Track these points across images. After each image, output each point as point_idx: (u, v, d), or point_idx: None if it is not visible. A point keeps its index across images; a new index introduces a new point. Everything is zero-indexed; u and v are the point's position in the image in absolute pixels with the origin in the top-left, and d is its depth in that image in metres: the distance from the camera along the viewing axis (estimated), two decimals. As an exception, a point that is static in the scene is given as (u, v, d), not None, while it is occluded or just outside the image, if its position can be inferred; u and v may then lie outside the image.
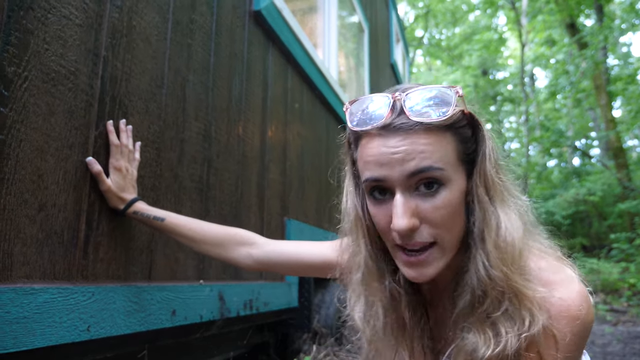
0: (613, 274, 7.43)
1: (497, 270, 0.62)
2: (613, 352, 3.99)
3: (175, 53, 1.35)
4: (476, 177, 0.67)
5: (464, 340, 0.65)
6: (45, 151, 0.91)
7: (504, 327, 0.62)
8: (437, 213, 0.64)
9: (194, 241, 1.06)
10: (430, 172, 0.62)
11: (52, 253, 0.91)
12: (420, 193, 0.64)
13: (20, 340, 0.80)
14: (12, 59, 0.84)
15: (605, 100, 11.19)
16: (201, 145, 1.47)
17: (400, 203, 0.63)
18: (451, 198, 0.64)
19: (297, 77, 2.41)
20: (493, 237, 0.64)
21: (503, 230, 0.64)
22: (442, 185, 0.64)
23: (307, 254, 0.99)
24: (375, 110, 0.65)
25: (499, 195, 0.66)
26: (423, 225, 0.64)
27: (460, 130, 0.66)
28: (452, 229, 0.66)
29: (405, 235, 0.64)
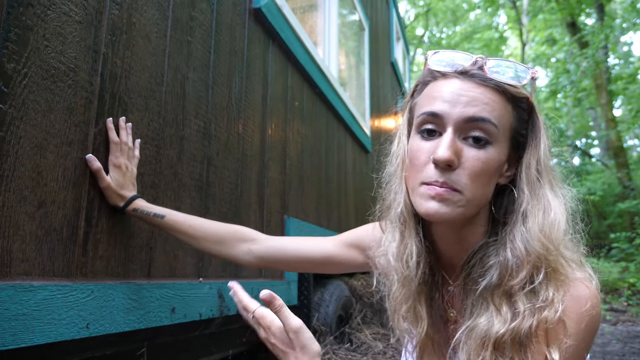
0: (613, 274, 7.44)
1: (537, 243, 0.64)
2: (612, 351, 3.99)
3: (175, 50, 1.35)
4: (530, 159, 0.70)
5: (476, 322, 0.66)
6: (45, 148, 0.91)
7: (522, 303, 0.63)
8: (477, 164, 0.66)
9: (194, 238, 1.06)
10: (486, 124, 0.66)
11: (51, 250, 0.91)
12: (467, 143, 0.67)
13: (19, 337, 0.80)
14: (12, 56, 0.84)
15: (605, 99, 11.19)
16: (201, 143, 1.47)
17: (449, 138, 0.66)
18: (493, 158, 0.67)
19: (298, 75, 2.41)
20: (540, 218, 0.66)
21: (551, 213, 0.66)
22: (489, 143, 0.67)
23: (308, 249, 0.99)
24: (458, 59, 0.70)
25: (548, 180, 0.69)
26: (460, 170, 0.66)
27: (520, 110, 0.70)
28: (480, 187, 0.67)
29: (442, 169, 0.66)
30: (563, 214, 0.67)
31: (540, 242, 0.64)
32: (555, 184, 0.70)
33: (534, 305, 0.63)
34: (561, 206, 0.68)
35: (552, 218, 0.66)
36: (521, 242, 0.65)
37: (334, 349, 2.26)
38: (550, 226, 0.65)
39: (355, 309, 2.97)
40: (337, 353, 2.22)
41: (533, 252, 0.64)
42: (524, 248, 0.65)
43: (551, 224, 0.66)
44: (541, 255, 0.64)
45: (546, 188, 0.69)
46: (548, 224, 0.66)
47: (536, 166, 0.69)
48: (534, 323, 0.62)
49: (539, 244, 0.64)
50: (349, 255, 0.95)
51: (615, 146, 11.08)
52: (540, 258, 0.64)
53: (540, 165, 0.69)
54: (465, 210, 0.68)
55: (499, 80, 0.67)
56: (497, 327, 0.63)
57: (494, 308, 0.64)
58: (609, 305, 6.35)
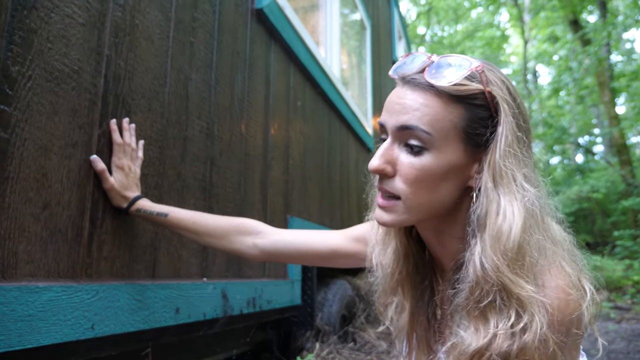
0: (617, 272, 7.40)
1: (489, 260, 0.61)
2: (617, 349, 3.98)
3: (178, 51, 1.36)
4: (484, 164, 0.66)
5: (458, 338, 0.64)
6: (49, 150, 0.91)
7: (493, 319, 0.61)
8: (410, 171, 0.66)
9: (198, 234, 1.06)
10: (415, 132, 0.65)
11: (56, 251, 0.92)
12: (406, 149, 0.67)
13: (25, 338, 0.81)
14: (16, 58, 0.85)
15: (608, 96, 11.15)
16: (204, 144, 1.47)
17: (382, 147, 0.68)
18: (432, 166, 0.65)
19: (300, 75, 2.41)
20: (491, 225, 0.63)
21: (501, 218, 0.62)
22: (425, 149, 0.65)
23: (315, 243, 0.99)
24: (408, 63, 0.69)
25: (504, 182, 0.64)
26: (397, 177, 0.68)
27: (473, 108, 0.66)
28: (422, 194, 0.67)
29: (380, 177, 0.69)
30: (520, 217, 0.62)
31: (492, 258, 0.61)
32: (514, 186, 0.64)
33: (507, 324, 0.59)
34: (518, 209, 0.63)
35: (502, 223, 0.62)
36: (478, 257, 0.63)
37: (337, 348, 2.26)
38: (501, 234, 0.61)
39: (359, 308, 2.97)
40: (341, 352, 2.22)
41: (487, 268, 0.61)
42: (479, 264, 0.62)
43: (502, 231, 0.62)
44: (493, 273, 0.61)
45: (501, 190, 0.64)
46: (499, 232, 0.62)
47: (493, 169, 0.65)
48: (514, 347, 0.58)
49: (491, 261, 0.61)
50: (355, 248, 0.95)
51: (618, 143, 11.04)
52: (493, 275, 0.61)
53: (496, 169, 0.64)
54: (410, 215, 0.68)
55: (432, 82, 0.64)
56: (474, 344, 0.60)
57: (472, 325, 0.62)
58: (613, 303, 6.33)
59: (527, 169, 0.67)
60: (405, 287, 0.79)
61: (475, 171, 0.68)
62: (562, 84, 12.85)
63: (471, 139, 0.66)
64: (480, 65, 0.66)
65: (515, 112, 0.67)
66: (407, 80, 0.68)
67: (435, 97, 0.65)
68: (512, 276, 0.60)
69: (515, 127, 0.66)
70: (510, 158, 0.65)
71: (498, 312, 0.61)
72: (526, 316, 0.59)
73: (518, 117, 0.67)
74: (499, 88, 0.66)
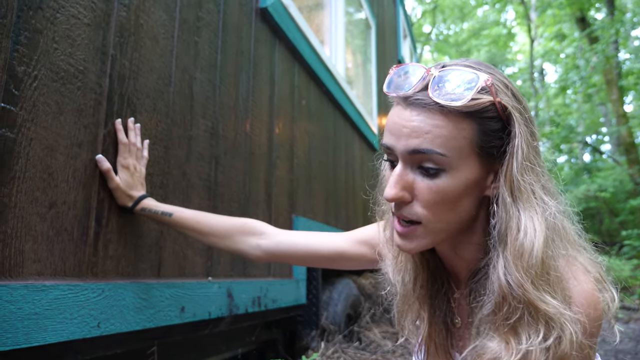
0: (625, 271, 7.34)
1: (513, 277, 0.60)
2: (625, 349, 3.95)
3: (183, 51, 1.36)
4: (501, 177, 0.64)
5: (484, 349, 0.63)
6: (55, 149, 0.92)
7: (525, 334, 0.60)
8: (429, 195, 0.64)
9: (202, 234, 1.07)
10: (429, 155, 0.62)
11: (62, 250, 0.93)
12: (420, 172, 0.64)
13: (32, 336, 0.82)
14: (22, 59, 0.85)
15: (616, 95, 11.05)
16: (209, 143, 1.47)
17: (396, 174, 0.65)
18: (451, 185, 0.63)
19: (305, 74, 2.41)
20: (512, 242, 0.62)
21: (522, 234, 0.61)
22: (442, 170, 0.63)
23: (319, 245, 0.98)
24: (406, 80, 0.65)
25: (524, 197, 0.63)
26: (415, 202, 0.65)
27: (485, 121, 0.63)
28: (443, 216, 0.65)
29: (396, 205, 0.66)
30: (541, 231, 0.61)
31: (516, 276, 0.60)
32: (533, 199, 0.63)
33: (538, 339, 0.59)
34: (538, 223, 0.62)
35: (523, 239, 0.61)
36: (502, 273, 0.62)
37: (343, 347, 2.26)
38: (523, 251, 0.61)
39: (364, 307, 2.97)
40: (346, 352, 2.22)
41: (512, 285, 0.60)
42: (505, 281, 0.61)
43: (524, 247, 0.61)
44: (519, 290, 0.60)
45: (520, 205, 0.63)
46: (520, 249, 0.61)
47: (509, 183, 0.63)
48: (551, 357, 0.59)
49: (515, 278, 0.60)
50: (360, 251, 0.95)
51: (626, 142, 10.94)
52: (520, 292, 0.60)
53: (513, 181, 0.63)
54: (433, 238, 0.67)
55: (441, 103, 0.61)
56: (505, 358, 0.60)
57: (503, 338, 0.61)
58: (621, 303, 6.27)
59: (544, 179, 0.66)
60: (424, 300, 0.78)
61: (490, 181, 0.67)
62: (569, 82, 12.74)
63: (485, 152, 0.64)
64: (489, 78, 0.62)
65: (526, 118, 0.65)
66: (411, 102, 0.63)
67: (446, 116, 0.61)
68: (538, 293, 0.59)
69: (530, 137, 0.65)
70: (528, 171, 0.63)
71: (527, 326, 0.60)
72: (556, 330, 0.59)
73: (529, 125, 0.65)
74: (506, 95, 0.64)
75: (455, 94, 0.61)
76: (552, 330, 0.59)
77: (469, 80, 0.62)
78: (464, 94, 0.61)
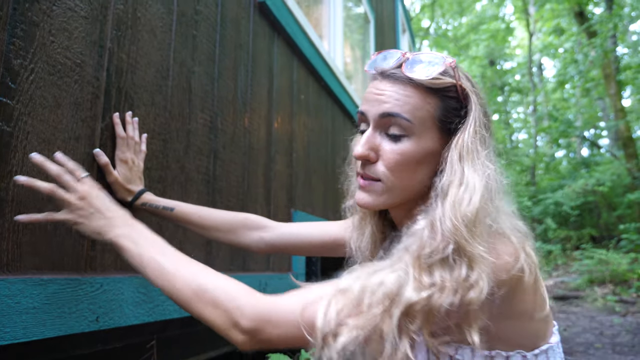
0: (622, 265, 7.37)
1: (447, 220, 0.66)
2: (622, 342, 3.98)
3: (181, 44, 1.35)
4: (452, 144, 0.72)
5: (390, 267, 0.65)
6: (52, 143, 0.91)
7: (439, 273, 0.62)
8: (391, 156, 0.72)
9: (205, 228, 1.08)
10: (397, 119, 0.71)
11: (60, 244, 0.92)
12: (386, 137, 0.73)
13: (30, 330, 0.81)
14: (19, 52, 0.85)
15: (614, 89, 11.05)
16: (207, 137, 1.47)
17: (366, 135, 0.74)
18: (411, 150, 0.72)
19: (303, 69, 2.40)
20: (453, 192, 0.68)
21: (463, 188, 0.68)
22: (405, 136, 0.72)
23: (317, 233, 1.03)
24: (384, 60, 0.76)
25: (469, 157, 0.71)
26: (379, 162, 0.73)
27: (447, 99, 0.73)
28: (401, 177, 0.73)
29: (363, 163, 0.74)
30: (479, 188, 0.68)
31: (450, 220, 0.65)
32: (477, 161, 0.71)
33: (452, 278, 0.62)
34: (478, 181, 0.69)
35: (464, 192, 0.68)
36: (437, 218, 0.67)
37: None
38: (461, 201, 0.67)
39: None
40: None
41: (445, 228, 0.65)
42: (439, 224, 0.66)
43: (462, 198, 0.67)
44: (452, 232, 0.64)
45: (465, 164, 0.70)
46: (459, 199, 0.67)
47: (460, 147, 0.72)
48: (455, 301, 0.61)
49: (449, 223, 0.65)
50: None
51: (624, 137, 10.95)
52: (452, 233, 0.64)
53: (463, 146, 0.71)
54: (390, 196, 0.74)
55: (411, 76, 0.71)
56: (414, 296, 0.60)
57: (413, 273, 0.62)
58: (618, 296, 6.31)
59: (488, 151, 0.74)
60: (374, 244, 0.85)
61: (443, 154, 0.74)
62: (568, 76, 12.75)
63: (444, 127, 0.74)
64: (453, 61, 0.74)
65: (482, 102, 0.75)
66: (387, 75, 0.74)
67: (414, 89, 0.72)
68: (468, 236, 0.64)
69: (482, 115, 0.74)
70: (477, 138, 0.72)
71: (448, 268, 0.63)
72: (474, 274, 0.62)
73: (484, 107, 0.76)
74: (467, 81, 0.75)
75: (423, 71, 0.72)
76: (471, 273, 0.62)
77: (436, 62, 0.73)
78: (429, 71, 0.72)
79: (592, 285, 7.24)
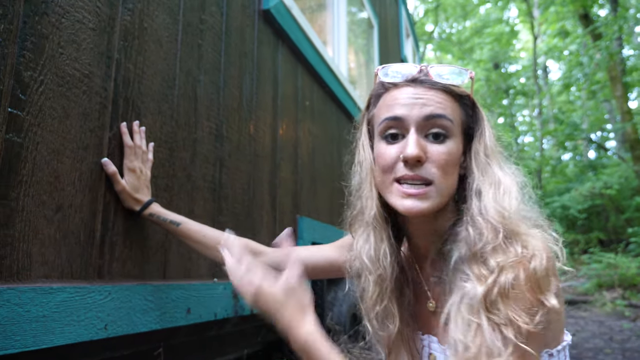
0: (631, 269, 7.29)
1: (492, 211, 0.70)
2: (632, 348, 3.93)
3: (186, 54, 1.37)
4: (476, 145, 0.77)
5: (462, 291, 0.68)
6: (62, 153, 0.93)
7: (494, 260, 0.67)
8: (440, 156, 0.73)
9: (208, 248, 1.08)
10: (442, 120, 0.74)
11: (69, 253, 0.93)
12: (429, 140, 0.74)
13: (40, 338, 0.82)
14: (29, 64, 0.86)
15: (620, 91, 10.98)
16: (213, 145, 1.48)
17: (414, 137, 0.73)
18: (453, 150, 0.75)
19: (307, 75, 2.42)
20: (492, 191, 0.72)
21: (501, 186, 0.72)
22: (447, 137, 0.74)
23: (313, 256, 1.03)
24: (404, 69, 0.78)
25: (496, 160, 0.76)
26: (427, 163, 0.73)
27: (464, 107, 0.78)
28: (448, 176, 0.74)
29: (413, 164, 0.73)
30: (514, 185, 0.73)
31: (495, 209, 0.70)
32: (503, 164, 0.77)
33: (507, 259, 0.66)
34: (511, 179, 0.74)
35: (503, 189, 0.72)
36: (478, 214, 0.71)
37: (348, 347, 2.26)
38: (502, 196, 0.71)
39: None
40: (351, 352, 2.22)
41: (490, 218, 0.69)
42: (481, 218, 0.70)
43: (503, 193, 0.71)
44: (498, 220, 0.69)
45: (495, 167, 0.75)
46: (500, 195, 0.71)
47: (484, 151, 0.76)
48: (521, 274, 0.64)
49: (493, 211, 0.70)
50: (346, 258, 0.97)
51: (631, 139, 10.86)
52: (498, 222, 0.69)
53: (487, 149, 0.76)
54: (440, 199, 0.74)
55: (444, 83, 0.76)
56: (481, 288, 0.65)
57: (473, 274, 0.67)
58: (627, 301, 6.24)
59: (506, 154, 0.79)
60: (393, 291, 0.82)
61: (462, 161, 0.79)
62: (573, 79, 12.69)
63: (466, 132, 0.78)
64: (470, 70, 0.78)
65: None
66: (420, 81, 0.76)
67: (447, 94, 0.76)
68: (515, 220, 0.69)
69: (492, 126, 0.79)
70: (494, 145, 0.77)
71: (502, 252, 0.67)
72: (530, 249, 0.66)
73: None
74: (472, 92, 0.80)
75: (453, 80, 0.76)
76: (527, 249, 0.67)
77: (463, 72, 0.78)
78: (458, 80, 0.77)
79: (600, 289, 7.17)
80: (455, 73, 0.77)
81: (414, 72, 0.77)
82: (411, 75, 0.76)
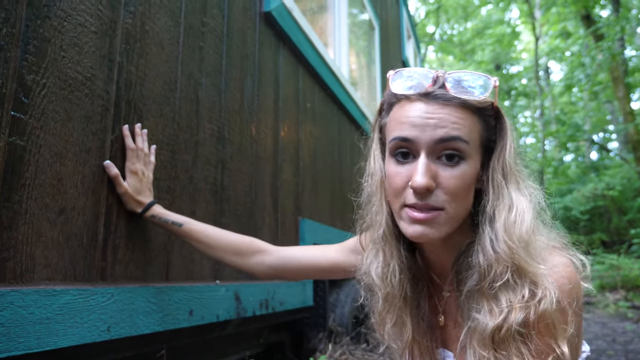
0: (634, 270, 7.26)
1: (502, 244, 0.66)
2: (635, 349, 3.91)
3: (188, 56, 1.37)
4: (495, 163, 0.71)
5: (475, 322, 0.67)
6: (64, 156, 0.93)
7: (505, 297, 0.65)
8: (453, 182, 0.68)
9: (211, 247, 1.08)
10: (457, 143, 0.68)
11: (72, 255, 0.94)
12: (441, 162, 0.69)
13: (43, 340, 0.83)
14: (31, 67, 0.87)
15: (623, 92, 10.96)
16: (215, 147, 1.49)
17: (423, 163, 0.68)
18: (468, 172, 0.69)
19: (309, 77, 2.42)
20: (504, 216, 0.68)
21: (514, 211, 0.68)
22: (462, 159, 0.69)
23: (317, 257, 1.03)
24: (418, 79, 0.71)
25: (514, 180, 0.71)
26: (438, 190, 0.68)
27: (487, 118, 0.72)
28: (460, 201, 0.70)
29: (421, 194, 0.68)
30: (529, 210, 0.69)
31: (504, 242, 0.66)
32: (521, 183, 0.72)
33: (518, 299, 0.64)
34: (527, 203, 0.69)
35: (515, 215, 0.68)
36: (489, 244, 0.67)
37: (350, 349, 2.26)
38: (513, 224, 0.67)
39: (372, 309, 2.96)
40: (353, 353, 2.22)
41: (500, 252, 0.66)
42: (491, 249, 0.67)
43: (514, 221, 0.67)
44: (508, 255, 0.65)
45: (511, 187, 0.70)
46: (511, 222, 0.67)
47: (502, 168, 0.71)
48: (531, 316, 0.63)
49: (503, 244, 0.66)
50: (352, 260, 0.97)
51: (633, 140, 10.84)
52: (508, 257, 0.65)
53: (505, 166, 0.71)
54: (450, 226, 0.70)
55: (462, 97, 0.68)
56: (491, 323, 0.64)
57: (485, 307, 0.66)
58: (630, 302, 6.22)
59: (527, 171, 0.74)
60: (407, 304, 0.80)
61: (480, 175, 0.74)
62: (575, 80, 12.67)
63: (485, 147, 0.73)
64: (494, 78, 0.70)
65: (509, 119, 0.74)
66: (433, 96, 0.69)
67: (465, 110, 0.69)
68: (526, 257, 0.65)
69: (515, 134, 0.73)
70: (517, 158, 0.72)
71: (512, 290, 0.65)
72: (540, 290, 0.64)
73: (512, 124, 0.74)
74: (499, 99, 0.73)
75: (474, 92, 0.69)
76: (536, 290, 0.64)
77: (484, 81, 0.70)
78: (479, 92, 0.69)
79: (603, 291, 7.15)
80: (475, 83, 0.69)
81: (428, 84, 0.70)
82: (424, 89, 0.69)
